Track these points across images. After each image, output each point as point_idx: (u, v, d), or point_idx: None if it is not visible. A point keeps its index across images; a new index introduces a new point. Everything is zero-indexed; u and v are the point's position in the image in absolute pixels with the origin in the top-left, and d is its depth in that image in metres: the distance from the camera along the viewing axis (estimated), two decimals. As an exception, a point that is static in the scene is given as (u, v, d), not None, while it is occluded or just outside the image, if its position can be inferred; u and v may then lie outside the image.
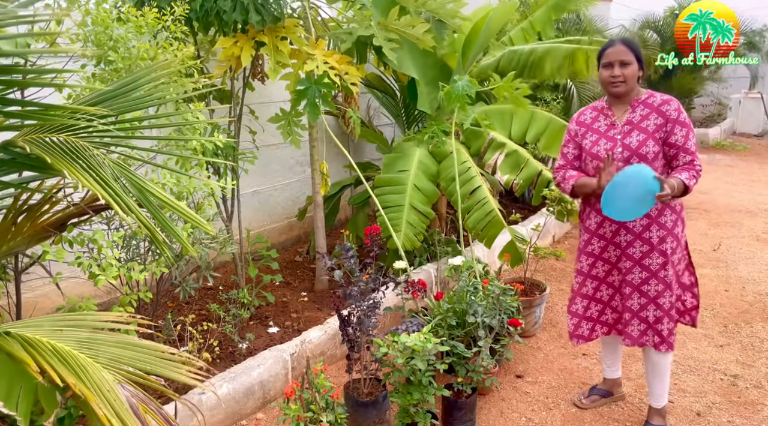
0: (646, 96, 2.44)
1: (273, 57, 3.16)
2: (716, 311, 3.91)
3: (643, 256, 2.45)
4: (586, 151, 2.50)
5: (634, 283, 2.49)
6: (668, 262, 2.42)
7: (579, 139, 2.56)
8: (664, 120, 2.36)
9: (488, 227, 3.61)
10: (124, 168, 1.68)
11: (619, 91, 2.41)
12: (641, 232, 2.44)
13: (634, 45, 2.41)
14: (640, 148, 2.37)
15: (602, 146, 2.44)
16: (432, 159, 3.88)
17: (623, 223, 2.44)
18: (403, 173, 3.73)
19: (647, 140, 2.36)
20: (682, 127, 2.34)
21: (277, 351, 2.89)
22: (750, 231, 5.60)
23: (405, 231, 3.58)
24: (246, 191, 4.62)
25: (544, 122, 4.05)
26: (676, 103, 2.38)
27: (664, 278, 2.45)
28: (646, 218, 2.41)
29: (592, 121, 2.54)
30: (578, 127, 2.57)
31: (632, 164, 2.33)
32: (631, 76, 2.38)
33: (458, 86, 3.23)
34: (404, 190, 3.65)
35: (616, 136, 2.43)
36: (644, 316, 2.50)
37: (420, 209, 3.64)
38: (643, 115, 2.40)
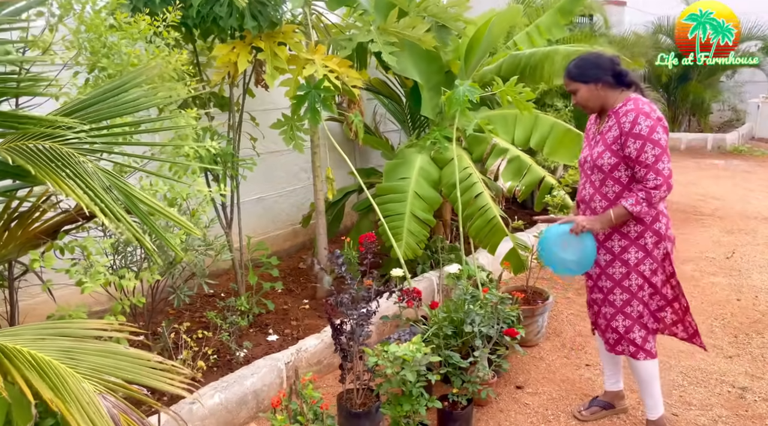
0: (620, 105, 2.39)
1: (270, 63, 3.14)
2: (727, 321, 3.81)
3: (606, 265, 2.49)
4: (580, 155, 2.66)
5: (603, 291, 2.54)
6: (631, 271, 2.44)
7: None
8: (619, 132, 2.34)
9: (490, 235, 3.56)
10: (112, 175, 1.67)
11: (589, 112, 2.54)
12: (603, 241, 2.48)
13: (574, 71, 2.42)
14: (597, 159, 2.41)
15: (583, 154, 2.56)
16: (434, 165, 3.84)
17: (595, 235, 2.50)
18: (404, 181, 3.69)
19: (604, 152, 2.39)
20: (636, 140, 2.28)
21: (271, 360, 2.86)
22: (765, 238, 5.46)
23: (406, 240, 3.54)
24: (250, 198, 4.62)
25: (548, 126, 3.98)
26: (635, 114, 2.29)
27: (628, 288, 2.47)
28: (609, 228, 2.43)
29: (589, 128, 2.63)
30: (585, 130, 2.71)
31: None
32: (585, 98, 2.43)
33: (459, 91, 3.19)
34: (405, 198, 3.61)
35: (592, 144, 2.51)
36: (614, 326, 2.54)
37: (421, 217, 3.60)
38: (609, 126, 2.41)
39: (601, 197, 2.42)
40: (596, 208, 2.44)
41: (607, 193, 2.41)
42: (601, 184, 2.42)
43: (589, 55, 2.49)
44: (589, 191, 2.48)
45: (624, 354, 2.56)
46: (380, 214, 3.49)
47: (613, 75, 2.38)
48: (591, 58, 2.44)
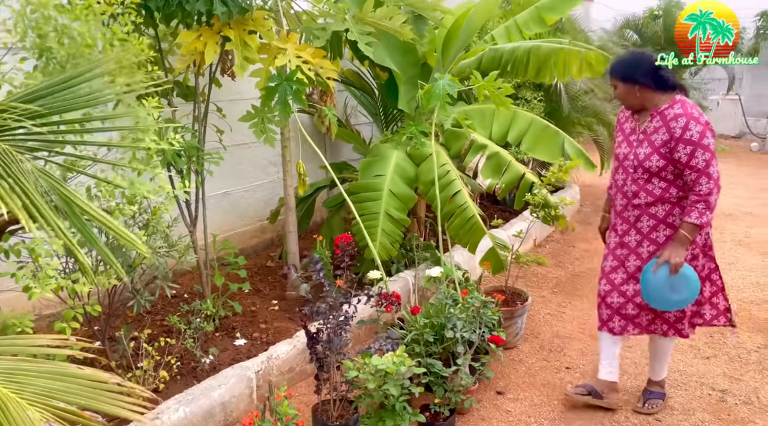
0: (666, 106, 2.44)
1: (240, 52, 2.94)
2: (702, 320, 3.79)
3: (637, 244, 2.58)
4: (614, 151, 2.68)
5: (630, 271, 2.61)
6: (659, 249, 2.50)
7: (616, 134, 2.72)
8: (669, 136, 2.39)
9: (469, 234, 3.44)
10: (51, 177, 1.46)
11: (625, 107, 2.62)
12: (649, 232, 2.55)
13: (615, 67, 2.55)
14: (644, 161, 2.45)
15: (623, 149, 2.58)
16: (410, 161, 3.70)
17: (633, 223, 2.58)
18: (379, 178, 3.54)
19: (652, 155, 2.43)
20: (686, 145, 2.34)
21: (240, 369, 2.69)
22: (732, 235, 5.52)
23: (381, 240, 3.40)
24: (215, 193, 4.39)
25: (526, 122, 3.89)
26: (685, 119, 2.35)
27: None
28: (653, 219, 2.51)
29: (625, 121, 2.66)
30: (618, 124, 2.72)
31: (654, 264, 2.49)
32: (621, 96, 2.53)
33: (439, 85, 3.05)
34: (380, 197, 3.46)
35: (634, 143, 2.53)
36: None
37: (396, 217, 3.45)
38: (656, 128, 2.45)
39: (647, 194, 2.50)
40: (640, 204, 2.52)
41: (653, 190, 2.48)
42: (646, 182, 2.49)
43: (633, 54, 2.64)
44: (632, 188, 2.53)
45: (656, 333, 2.67)
46: (356, 213, 3.34)
47: (654, 78, 2.43)
48: (633, 58, 2.56)
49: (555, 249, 5.13)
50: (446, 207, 3.46)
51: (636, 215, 2.55)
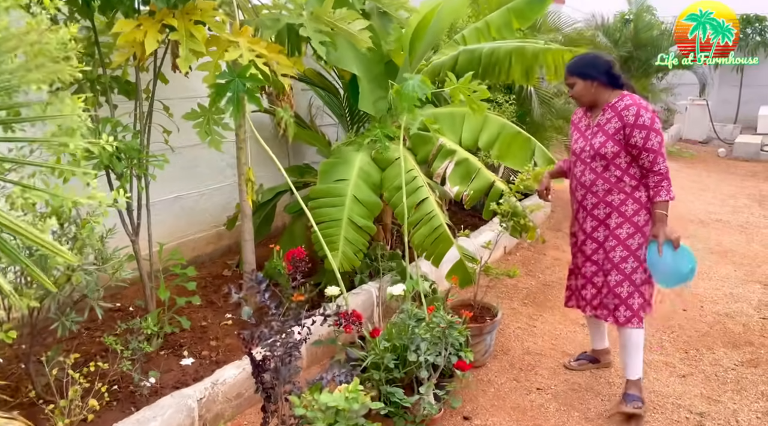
0: (616, 100, 2.67)
1: (185, 44, 2.67)
2: (676, 335, 3.66)
3: (592, 230, 2.80)
4: (571, 147, 2.91)
5: (614, 261, 2.74)
6: (637, 232, 2.68)
7: (571, 133, 2.94)
8: (622, 124, 2.61)
9: (436, 244, 3.23)
10: None
11: (581, 105, 2.84)
12: (604, 219, 2.75)
13: (575, 66, 2.74)
14: (600, 148, 2.67)
15: (579, 144, 2.80)
16: (374, 166, 3.47)
17: (590, 211, 2.79)
18: (342, 183, 3.30)
19: (607, 142, 2.66)
20: (641, 130, 2.57)
21: (180, 397, 2.42)
22: (703, 243, 5.43)
23: (343, 249, 3.16)
24: (166, 197, 4.10)
25: (497, 128, 3.69)
26: (636, 108, 2.59)
27: (612, 259, 2.73)
28: (609, 207, 2.72)
29: (578, 120, 2.88)
30: (572, 125, 2.94)
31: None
32: (580, 93, 2.73)
33: (409, 85, 2.83)
34: (342, 203, 3.23)
35: (588, 135, 2.76)
36: (618, 292, 2.74)
37: (360, 224, 3.22)
38: (608, 119, 2.67)
39: (604, 181, 2.70)
40: (598, 192, 2.73)
41: (610, 177, 2.69)
42: (603, 169, 2.69)
43: (588, 55, 2.90)
44: (590, 177, 2.74)
45: (618, 321, 2.75)
46: (313, 221, 3.10)
47: (607, 76, 2.67)
48: (590, 58, 2.79)
49: (526, 257, 4.96)
50: (412, 215, 3.24)
51: (593, 203, 2.76)
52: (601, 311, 2.82)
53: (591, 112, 2.77)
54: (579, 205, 2.85)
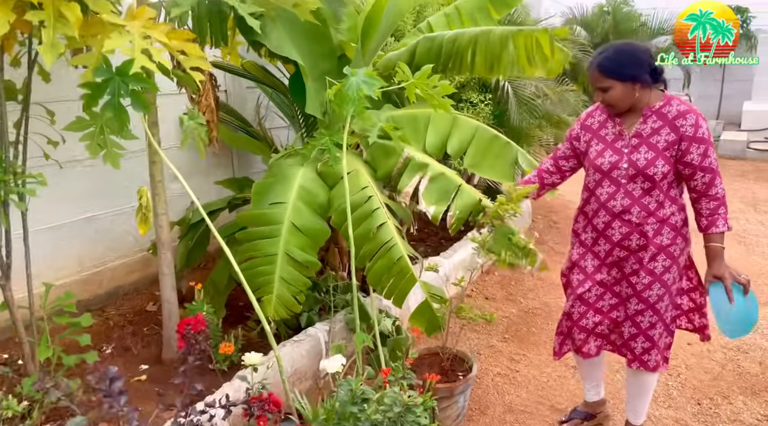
0: (662, 104, 2.13)
1: (51, 27, 1.98)
2: (683, 379, 3.08)
3: (632, 272, 2.26)
4: (590, 162, 2.27)
5: (649, 302, 2.26)
6: (655, 281, 2.21)
7: (580, 145, 2.32)
8: (678, 137, 2.08)
9: (397, 281, 2.59)
10: None
11: (614, 112, 2.20)
12: (637, 251, 2.22)
13: (610, 66, 2.10)
14: (647, 168, 2.11)
15: (607, 158, 2.20)
16: (321, 183, 2.81)
17: (619, 242, 2.24)
18: (278, 207, 2.63)
19: (656, 159, 2.10)
20: (700, 145, 2.07)
21: None
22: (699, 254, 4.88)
23: (278, 292, 2.51)
24: (77, 218, 3.41)
25: (470, 131, 3.06)
26: (695, 115, 2.07)
27: (647, 298, 2.25)
28: (643, 237, 2.18)
29: (600, 127, 2.28)
30: (582, 132, 2.33)
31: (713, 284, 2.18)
32: (618, 98, 2.12)
33: (352, 83, 2.18)
34: (278, 233, 2.56)
35: (623, 150, 2.18)
36: (651, 335, 2.29)
37: (300, 259, 2.56)
38: (655, 129, 2.12)
39: (641, 208, 2.16)
40: (631, 220, 2.18)
41: (649, 204, 2.15)
42: (644, 193, 2.15)
43: (625, 46, 2.16)
44: (624, 202, 2.18)
45: (649, 366, 2.31)
46: (232, 260, 2.44)
47: (650, 72, 2.09)
48: (629, 51, 2.13)
49: (505, 278, 4.36)
50: (366, 245, 2.60)
51: (624, 233, 2.21)
52: (626, 352, 2.36)
53: (622, 118, 2.20)
54: (600, 234, 2.28)
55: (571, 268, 2.42)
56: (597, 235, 2.29)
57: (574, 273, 2.40)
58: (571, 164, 2.42)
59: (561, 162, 2.43)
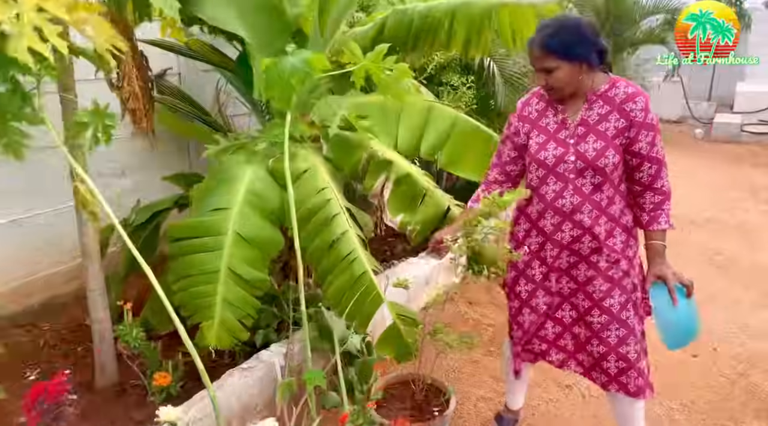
0: (607, 87, 1.89)
1: None
2: (690, 401, 2.73)
3: (587, 280, 1.99)
4: (531, 156, 1.99)
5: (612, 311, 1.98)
6: (614, 287, 1.96)
7: (521, 138, 2.04)
8: (628, 122, 1.86)
9: (360, 301, 2.20)
10: None
11: (557, 98, 1.93)
12: (588, 255, 1.97)
13: (556, 45, 1.81)
14: (598, 159, 1.87)
15: (551, 151, 1.95)
16: (273, 184, 2.39)
17: (569, 245, 1.98)
18: (220, 214, 2.22)
19: (606, 149, 1.87)
20: (648, 132, 1.86)
21: None
22: (700, 251, 4.55)
23: (221, 317, 2.10)
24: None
25: (447, 123, 2.65)
26: (644, 99, 1.85)
27: (609, 308, 1.97)
28: (595, 240, 1.94)
29: (539, 117, 2.01)
30: (521, 124, 2.05)
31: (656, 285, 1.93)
32: (564, 81, 1.85)
33: (287, 64, 1.76)
34: (220, 245, 2.15)
35: (569, 141, 1.93)
36: (624, 352, 1.98)
37: (247, 276, 2.16)
38: (602, 115, 1.89)
39: (593, 206, 1.92)
40: (583, 220, 1.93)
41: (601, 201, 1.92)
42: (595, 189, 1.91)
43: (570, 22, 1.87)
44: (573, 200, 1.93)
45: (630, 391, 1.99)
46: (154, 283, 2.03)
47: (598, 53, 1.85)
48: (575, 27, 1.84)
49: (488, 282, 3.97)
50: (323, 259, 2.20)
51: (575, 235, 1.95)
52: (598, 376, 2.05)
53: (564, 105, 1.94)
54: (547, 238, 2.02)
55: (516, 278, 2.14)
56: (544, 239, 2.03)
57: (520, 284, 2.13)
58: (519, 167, 2.11)
59: (509, 168, 2.11)
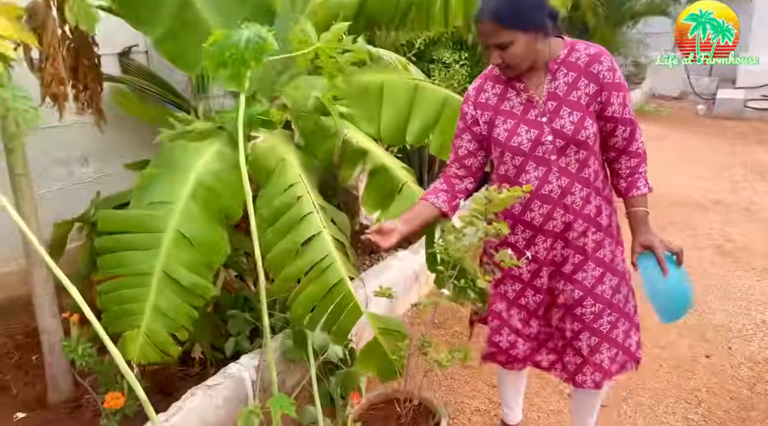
0: (566, 52, 1.71)
1: None
2: (706, 409, 2.48)
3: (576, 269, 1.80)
4: (502, 145, 1.76)
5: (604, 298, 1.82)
6: (606, 271, 1.81)
7: (481, 128, 1.81)
8: (598, 86, 1.68)
9: (334, 313, 1.91)
10: None
11: (511, 76, 1.72)
12: (577, 238, 1.77)
13: (509, 15, 1.58)
14: (578, 132, 1.68)
15: (524, 136, 1.73)
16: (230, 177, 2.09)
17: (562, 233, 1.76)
18: (161, 208, 1.91)
19: (584, 119, 1.68)
20: (619, 92, 1.70)
21: None
22: (707, 237, 4.29)
23: (147, 328, 1.81)
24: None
25: (436, 105, 2.35)
26: (608, 57, 1.69)
27: (601, 295, 1.81)
28: (586, 221, 1.75)
29: (499, 101, 1.78)
30: (479, 113, 1.81)
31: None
32: (521, 56, 1.63)
33: (241, 38, 1.45)
34: (157, 243, 1.85)
35: (540, 119, 1.72)
36: (614, 337, 1.84)
37: (186, 283, 1.86)
38: (569, 83, 1.70)
39: (583, 185, 1.73)
40: (575, 203, 1.73)
41: (589, 177, 1.74)
42: (581, 166, 1.72)
43: None
44: (561, 182, 1.72)
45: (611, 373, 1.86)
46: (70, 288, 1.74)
47: (551, 18, 1.64)
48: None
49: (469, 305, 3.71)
50: (290, 264, 1.92)
51: (566, 221, 1.74)
52: (582, 377, 1.86)
53: (524, 82, 1.72)
54: (537, 230, 1.78)
55: (501, 279, 1.91)
56: (533, 233, 1.80)
57: (506, 283, 1.90)
58: (480, 159, 1.89)
59: (468, 161, 1.88)
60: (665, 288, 1.72)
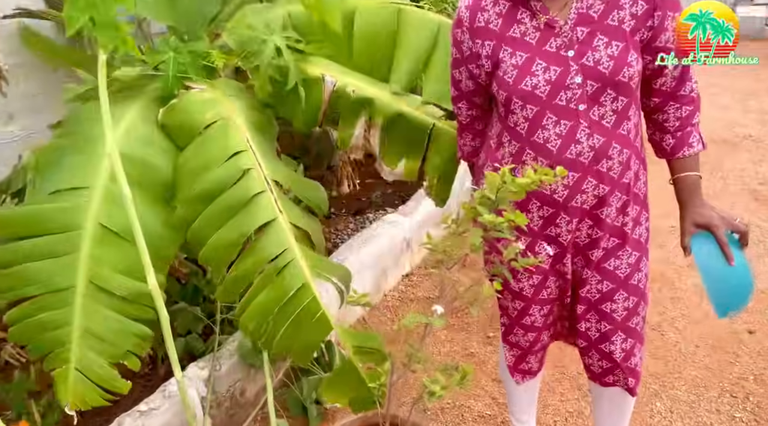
0: None
1: None
2: (757, 402, 2.07)
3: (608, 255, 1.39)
4: (508, 88, 1.27)
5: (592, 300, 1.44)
6: (642, 254, 1.42)
7: (483, 63, 1.31)
8: (649, 2, 1.23)
9: (294, 327, 1.45)
10: None
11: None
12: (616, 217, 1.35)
13: None
14: (619, 70, 1.22)
15: (541, 76, 1.24)
16: (164, 144, 1.58)
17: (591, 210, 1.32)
18: (73, 196, 1.43)
19: (627, 52, 1.22)
20: (675, 13, 1.27)
21: None
22: (739, 179, 3.79)
23: (81, 362, 1.36)
24: None
25: (428, 35, 1.78)
26: None
27: (637, 285, 1.41)
28: (626, 193, 1.33)
29: (505, 24, 1.26)
30: (478, 43, 1.30)
31: None
32: None
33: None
34: (75, 245, 1.38)
35: (565, 53, 1.23)
36: (608, 351, 1.45)
37: (125, 292, 1.39)
38: (608, 2, 1.22)
39: (622, 145, 1.28)
40: (612, 167, 1.28)
41: (629, 134, 1.29)
42: (620, 118, 1.26)
43: None
44: (594, 142, 1.25)
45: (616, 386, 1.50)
46: None
47: None
48: None
49: (489, 232, 3.25)
50: (237, 263, 1.44)
51: (599, 194, 1.30)
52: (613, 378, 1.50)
53: (541, 1, 1.24)
54: (559, 207, 1.34)
55: (514, 275, 1.47)
56: (555, 210, 1.35)
57: (522, 279, 1.48)
58: (485, 96, 1.44)
59: (478, 99, 1.44)
60: (727, 279, 1.34)
